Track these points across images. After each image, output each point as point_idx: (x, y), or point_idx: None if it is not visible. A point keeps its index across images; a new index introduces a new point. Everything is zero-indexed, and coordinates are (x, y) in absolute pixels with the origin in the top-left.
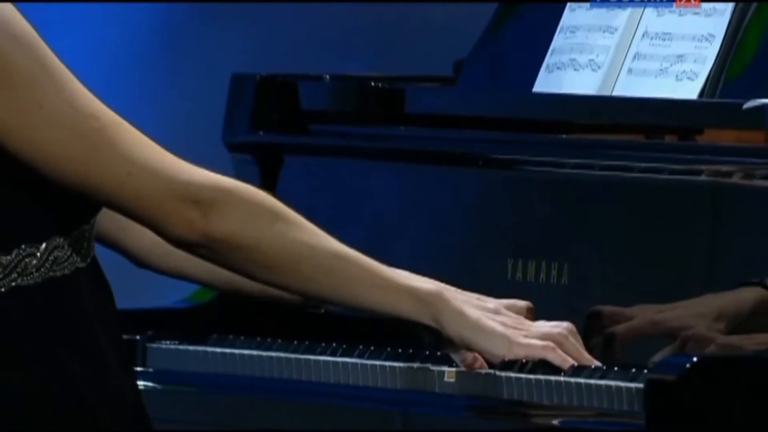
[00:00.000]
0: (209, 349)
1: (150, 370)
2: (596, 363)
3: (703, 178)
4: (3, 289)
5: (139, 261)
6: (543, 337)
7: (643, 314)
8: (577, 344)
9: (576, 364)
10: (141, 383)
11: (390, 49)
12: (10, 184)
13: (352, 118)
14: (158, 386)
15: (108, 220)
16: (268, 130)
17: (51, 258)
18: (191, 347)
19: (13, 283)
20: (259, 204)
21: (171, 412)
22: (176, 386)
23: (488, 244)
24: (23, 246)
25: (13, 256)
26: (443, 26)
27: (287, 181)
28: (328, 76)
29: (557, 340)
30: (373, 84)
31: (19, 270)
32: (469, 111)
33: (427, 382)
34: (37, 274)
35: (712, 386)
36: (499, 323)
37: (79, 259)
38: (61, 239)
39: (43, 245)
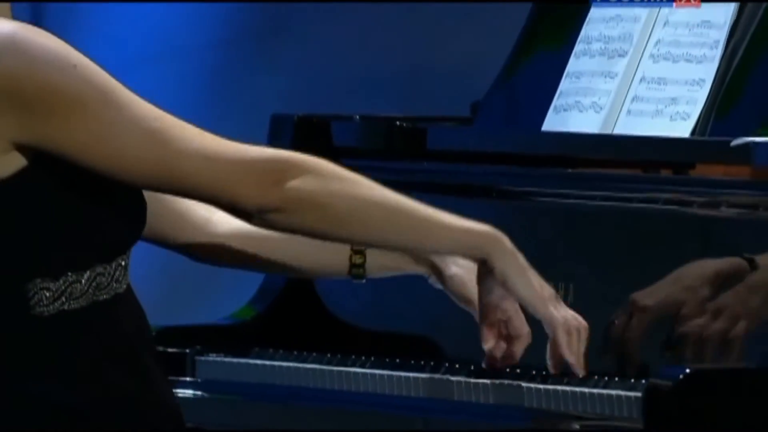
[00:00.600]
0: (251, 361)
1: (198, 380)
2: (583, 372)
3: (694, 208)
4: (53, 312)
5: (197, 256)
6: (563, 318)
7: (638, 304)
8: (580, 345)
9: (559, 364)
10: (190, 392)
11: (413, 92)
12: (59, 219)
13: (380, 154)
14: (206, 395)
15: (167, 225)
16: None
17: (94, 284)
18: (235, 360)
19: (62, 307)
20: (325, 166)
21: (217, 417)
22: (222, 395)
23: None
24: (69, 273)
25: (61, 282)
26: (461, 71)
27: None
28: (358, 117)
29: (568, 328)
30: (398, 123)
31: (66, 295)
32: (485, 148)
33: (447, 391)
34: (82, 299)
35: (703, 394)
36: (539, 283)
37: (117, 285)
38: (102, 267)
39: (87, 273)
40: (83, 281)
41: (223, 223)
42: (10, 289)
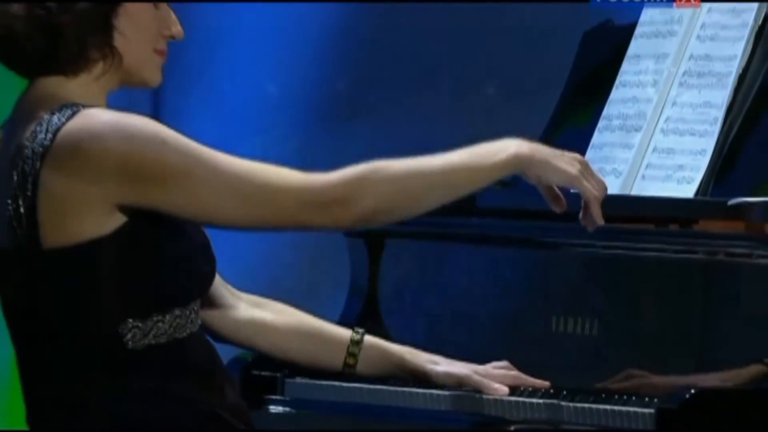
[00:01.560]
0: (330, 383)
1: (287, 399)
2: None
3: (698, 256)
4: (143, 347)
5: (216, 335)
6: (595, 192)
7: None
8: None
9: (593, 225)
10: (281, 408)
11: None
12: (149, 271)
13: (437, 211)
14: (293, 411)
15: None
16: None
17: (174, 324)
18: (317, 381)
19: (150, 342)
20: (377, 176)
21: (302, 430)
22: (306, 411)
23: (537, 305)
24: (155, 315)
25: (149, 322)
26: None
27: (388, 258)
28: None
29: (599, 199)
30: None
31: (153, 333)
32: (524, 206)
33: (491, 408)
34: (165, 336)
35: (706, 412)
36: (566, 166)
37: (191, 326)
38: (180, 311)
39: (168, 315)
40: (166, 321)
41: (244, 311)
42: (109, 328)
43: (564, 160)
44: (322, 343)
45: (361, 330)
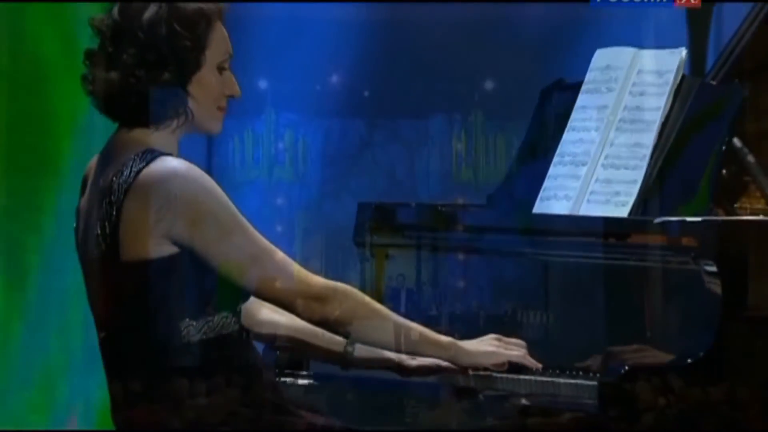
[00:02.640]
0: None
1: (311, 373)
2: (539, 366)
3: (631, 263)
4: (196, 341)
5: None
6: (518, 354)
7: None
8: (529, 357)
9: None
10: (306, 381)
11: (451, 187)
12: (200, 284)
13: (428, 228)
14: (315, 382)
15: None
16: (379, 235)
17: (221, 323)
18: None
19: (202, 337)
20: (354, 298)
21: (322, 397)
22: (325, 381)
23: (505, 300)
24: (206, 316)
25: (201, 321)
26: (481, 175)
27: (389, 265)
28: (414, 203)
29: (525, 356)
30: (439, 208)
31: (204, 330)
32: (494, 224)
33: (460, 379)
34: (213, 332)
35: (636, 383)
36: (486, 351)
37: (234, 326)
38: (225, 313)
39: (216, 317)
40: (214, 321)
41: (264, 315)
42: (171, 325)
43: (484, 345)
44: (325, 343)
45: None
